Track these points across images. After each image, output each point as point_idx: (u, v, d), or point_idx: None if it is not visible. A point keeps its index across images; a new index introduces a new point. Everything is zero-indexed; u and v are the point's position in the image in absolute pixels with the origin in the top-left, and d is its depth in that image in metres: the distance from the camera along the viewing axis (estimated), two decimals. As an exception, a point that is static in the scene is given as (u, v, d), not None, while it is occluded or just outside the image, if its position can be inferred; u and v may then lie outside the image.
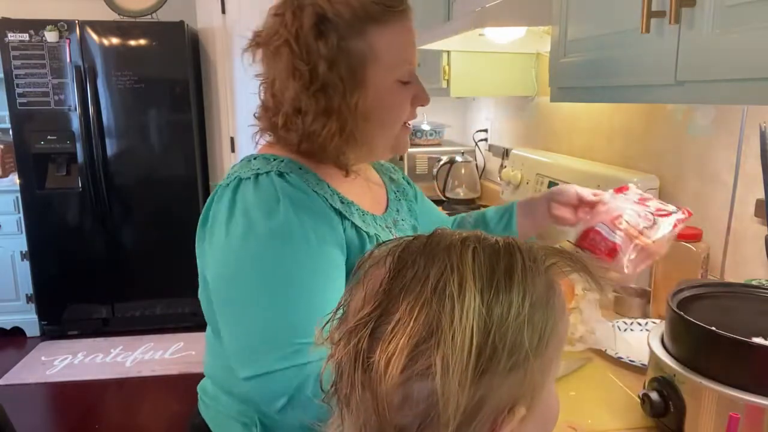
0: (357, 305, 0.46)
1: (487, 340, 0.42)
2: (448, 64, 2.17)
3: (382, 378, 0.41)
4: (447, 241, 0.46)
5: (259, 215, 0.75)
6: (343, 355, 0.44)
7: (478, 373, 0.42)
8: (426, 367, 0.41)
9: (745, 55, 0.66)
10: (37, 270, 3.37)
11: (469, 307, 0.42)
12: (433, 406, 0.42)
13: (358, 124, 0.81)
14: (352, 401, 0.44)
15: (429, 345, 0.41)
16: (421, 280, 0.43)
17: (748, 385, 0.70)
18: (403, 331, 0.41)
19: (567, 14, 1.12)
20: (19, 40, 3.11)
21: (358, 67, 0.79)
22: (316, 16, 0.77)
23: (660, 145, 1.45)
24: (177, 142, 3.36)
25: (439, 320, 0.41)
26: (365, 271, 0.48)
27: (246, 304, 0.74)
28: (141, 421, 2.60)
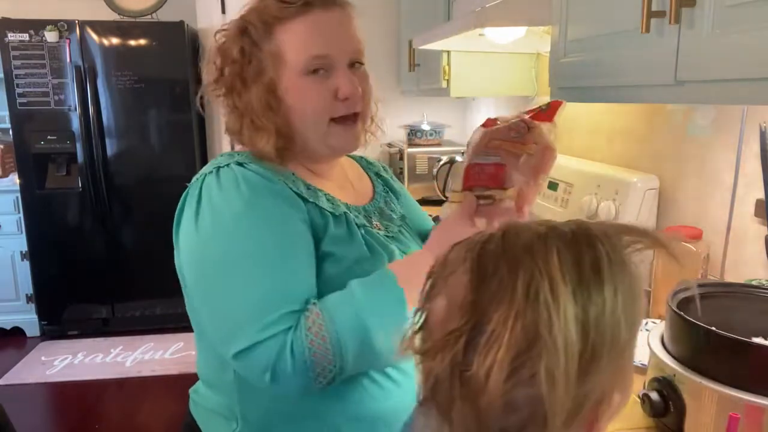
0: (440, 316, 0.46)
1: (587, 343, 0.42)
2: (448, 64, 2.17)
3: (483, 390, 0.41)
4: (524, 240, 0.45)
5: (223, 203, 0.80)
6: (437, 367, 0.44)
7: (582, 375, 0.42)
8: (529, 376, 0.41)
9: (745, 55, 0.66)
10: (37, 270, 3.37)
11: (565, 312, 0.42)
12: (537, 410, 0.42)
13: (265, 118, 0.85)
14: (453, 413, 0.44)
15: (530, 355, 0.41)
16: (509, 289, 0.42)
17: (748, 385, 0.70)
18: (499, 343, 0.41)
19: (567, 14, 1.12)
20: (19, 40, 3.11)
21: (267, 67, 0.84)
22: (237, 27, 0.85)
23: (660, 145, 1.45)
24: (177, 142, 3.36)
25: (537, 329, 0.41)
26: (444, 279, 0.47)
27: (219, 287, 0.78)
28: (141, 421, 2.60)
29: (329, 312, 0.75)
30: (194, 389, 0.97)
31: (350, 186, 0.99)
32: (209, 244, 0.79)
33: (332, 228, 0.85)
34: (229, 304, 0.77)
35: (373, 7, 3.01)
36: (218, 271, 0.78)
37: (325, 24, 0.85)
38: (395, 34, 2.97)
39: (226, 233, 0.78)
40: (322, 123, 0.87)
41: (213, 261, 0.79)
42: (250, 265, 0.77)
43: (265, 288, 0.76)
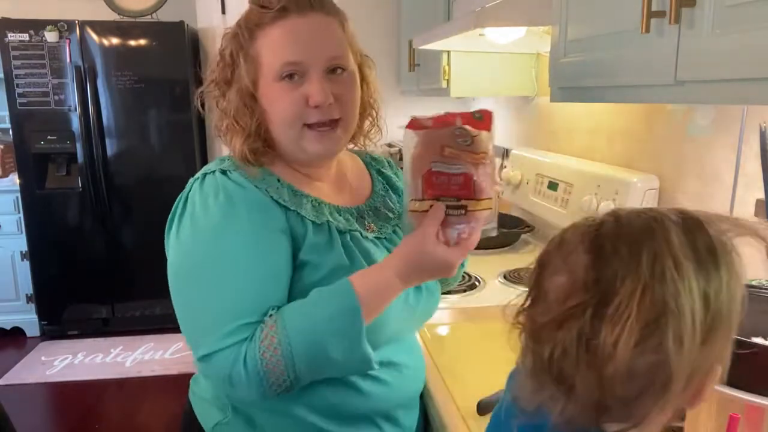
0: (561, 292, 0.50)
1: (708, 314, 0.47)
2: (448, 64, 2.16)
3: (610, 357, 0.45)
4: (640, 224, 0.50)
5: (200, 211, 0.82)
6: (563, 337, 0.48)
7: (702, 344, 0.47)
8: (656, 344, 0.46)
9: (745, 55, 0.66)
10: (37, 270, 3.37)
11: (690, 286, 0.47)
12: (658, 376, 0.47)
13: (242, 117, 0.87)
14: (576, 381, 0.48)
15: (658, 325, 0.46)
16: (633, 266, 0.47)
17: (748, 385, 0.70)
18: (628, 312, 0.45)
19: (567, 14, 1.12)
20: (19, 40, 3.11)
21: (247, 70, 0.86)
22: (232, 32, 0.88)
23: (660, 145, 1.45)
24: (177, 142, 3.36)
25: (664, 301, 0.46)
26: (562, 259, 0.51)
27: (187, 293, 0.82)
28: (141, 421, 2.60)
29: (284, 324, 0.76)
30: (194, 378, 1.00)
31: (347, 185, 0.99)
32: (185, 251, 0.83)
33: (311, 236, 0.85)
34: (195, 311, 0.81)
35: (373, 7, 3.02)
36: (189, 278, 0.82)
37: (300, 30, 0.84)
38: (395, 34, 2.97)
39: (200, 243, 0.82)
40: (295, 128, 0.86)
41: (186, 268, 0.83)
42: (217, 274, 0.79)
43: (227, 298, 0.78)
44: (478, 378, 1.04)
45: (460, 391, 1.01)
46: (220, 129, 0.91)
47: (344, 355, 0.77)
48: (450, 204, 0.80)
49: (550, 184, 1.79)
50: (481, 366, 1.11)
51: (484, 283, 1.57)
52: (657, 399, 0.47)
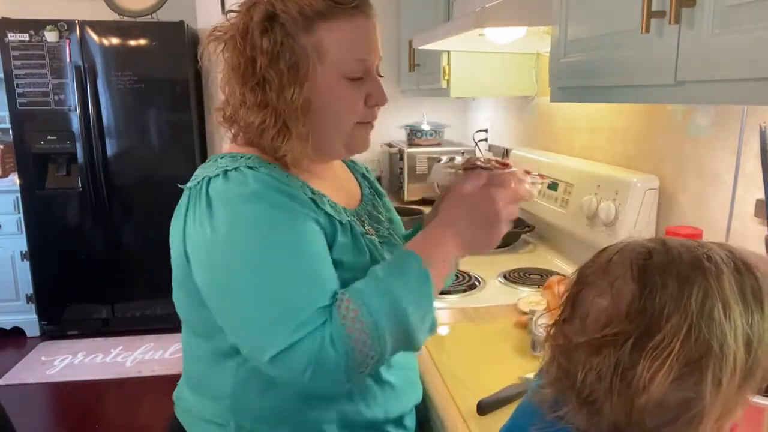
0: (603, 316, 0.49)
1: (748, 360, 0.47)
2: (448, 64, 2.17)
3: (645, 390, 0.46)
4: (690, 259, 0.49)
5: (240, 203, 0.77)
6: (599, 363, 0.48)
7: (738, 389, 0.47)
8: (694, 383, 0.46)
9: (745, 55, 0.66)
10: (37, 270, 3.37)
11: (736, 331, 0.46)
12: (688, 412, 0.47)
13: (295, 117, 0.81)
14: (605, 406, 0.48)
15: (699, 365, 0.46)
16: (681, 303, 0.46)
17: (748, 385, 0.70)
18: (670, 350, 0.45)
19: (567, 14, 1.12)
20: (19, 40, 3.11)
21: (302, 63, 0.80)
22: (265, 13, 0.79)
23: (660, 145, 1.45)
24: (177, 142, 3.36)
25: (709, 344, 0.46)
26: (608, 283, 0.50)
27: (247, 291, 0.75)
28: (141, 421, 2.60)
29: (360, 298, 0.74)
30: (178, 395, 0.96)
31: (342, 188, 0.98)
32: (228, 246, 0.76)
33: (340, 236, 0.83)
34: (256, 310, 0.74)
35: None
36: (243, 275, 0.75)
37: (368, 30, 0.85)
38: (395, 34, 2.97)
39: (247, 237, 0.76)
40: (349, 124, 0.87)
41: (234, 264, 0.75)
42: (276, 266, 0.75)
43: (293, 288, 0.74)
44: (478, 378, 1.04)
45: (460, 391, 1.01)
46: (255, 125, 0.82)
47: (421, 322, 0.77)
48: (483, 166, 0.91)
49: (550, 184, 1.79)
50: (481, 366, 1.11)
51: (484, 283, 1.57)
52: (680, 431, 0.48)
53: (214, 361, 0.85)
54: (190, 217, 0.80)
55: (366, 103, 0.86)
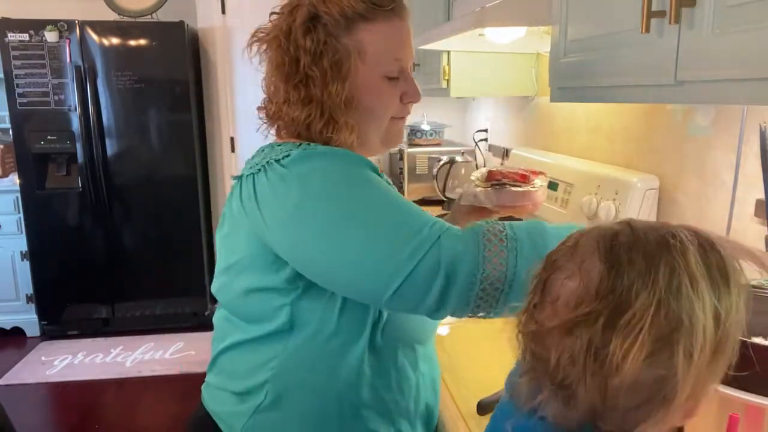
0: (573, 298, 0.49)
1: (717, 333, 0.47)
2: (448, 64, 2.17)
3: (619, 369, 0.45)
4: (656, 237, 0.50)
5: (321, 161, 0.80)
6: (572, 344, 0.47)
7: (708, 362, 0.48)
8: (666, 359, 0.46)
9: (745, 55, 0.66)
10: (37, 270, 3.37)
11: (705, 305, 0.47)
12: (661, 390, 0.47)
13: (341, 110, 0.85)
14: (579, 388, 0.48)
15: (671, 340, 0.46)
16: (649, 279, 0.47)
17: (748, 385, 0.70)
18: (641, 327, 0.45)
19: (567, 14, 1.12)
20: (19, 40, 3.11)
21: (344, 61, 0.84)
22: (308, 14, 0.84)
23: (660, 145, 1.45)
24: (177, 142, 3.36)
25: (679, 318, 0.46)
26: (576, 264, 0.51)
27: (354, 233, 0.75)
28: (141, 421, 2.60)
29: (510, 225, 0.76)
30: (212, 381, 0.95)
31: None
32: (329, 200, 0.77)
33: None
34: (368, 249, 0.74)
35: (373, 7, 3.02)
36: (347, 223, 0.76)
37: (404, 32, 0.90)
38: (395, 34, 2.97)
39: (340, 187, 0.78)
40: (386, 121, 0.91)
41: (338, 216, 0.76)
42: (375, 205, 0.77)
43: (398, 218, 0.76)
44: (478, 378, 1.04)
45: (460, 391, 1.01)
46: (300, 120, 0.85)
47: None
48: (508, 183, 1.06)
49: (550, 184, 1.78)
50: (481, 366, 1.11)
51: (484, 283, 1.57)
52: (655, 411, 0.48)
53: (259, 344, 0.86)
54: (266, 197, 0.80)
55: (401, 100, 0.91)
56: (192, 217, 3.42)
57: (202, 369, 0.98)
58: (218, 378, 0.94)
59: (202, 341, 3.31)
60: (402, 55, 0.89)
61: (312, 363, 0.85)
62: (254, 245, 0.83)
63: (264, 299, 0.84)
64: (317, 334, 0.83)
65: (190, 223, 3.42)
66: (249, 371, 0.88)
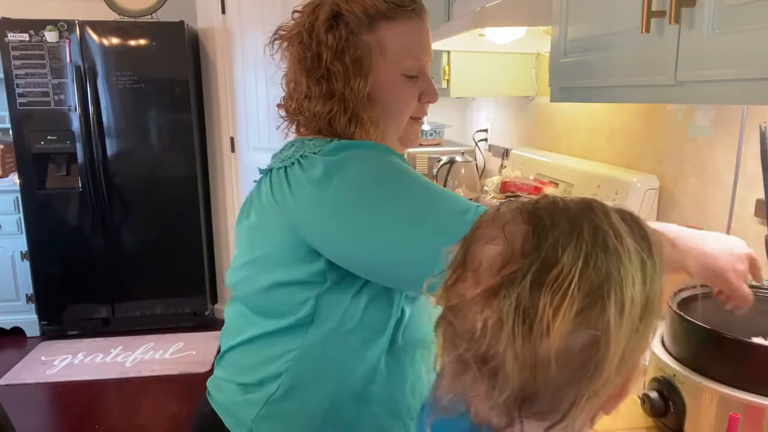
0: (497, 260, 0.46)
1: (645, 290, 0.46)
2: (448, 64, 2.17)
3: (549, 328, 0.42)
4: (576, 202, 0.49)
5: (359, 151, 0.81)
6: (501, 306, 0.44)
7: (638, 325, 0.45)
8: (597, 314, 0.43)
9: (745, 55, 0.66)
10: (37, 270, 3.37)
11: (630, 254, 0.45)
12: (592, 357, 0.44)
13: (363, 105, 0.86)
14: (507, 358, 0.44)
15: (601, 293, 0.43)
16: (574, 236, 0.45)
17: (748, 385, 0.71)
18: (570, 280, 0.43)
19: (567, 14, 1.12)
20: (19, 40, 3.11)
21: (364, 58, 0.85)
22: (330, 12, 0.85)
23: (660, 145, 1.45)
24: (177, 142, 3.35)
25: (608, 270, 0.44)
26: (498, 228, 0.48)
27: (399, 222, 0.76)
28: (141, 421, 2.60)
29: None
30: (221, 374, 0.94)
31: None
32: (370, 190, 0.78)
33: None
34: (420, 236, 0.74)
35: (373, 7, 3.02)
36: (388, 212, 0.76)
37: (423, 32, 0.90)
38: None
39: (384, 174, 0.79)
40: (405, 119, 0.92)
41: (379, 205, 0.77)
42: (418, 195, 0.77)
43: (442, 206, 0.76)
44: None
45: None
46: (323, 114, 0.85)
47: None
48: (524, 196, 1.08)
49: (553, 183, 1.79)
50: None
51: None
52: (586, 386, 0.45)
53: (277, 337, 0.86)
54: (303, 188, 0.80)
55: (419, 100, 0.92)
56: (192, 217, 3.41)
57: (202, 369, 0.99)
58: (227, 371, 0.93)
59: (202, 341, 3.31)
60: (421, 54, 0.90)
61: (330, 357, 0.84)
62: (287, 238, 0.82)
63: (288, 293, 0.84)
64: (338, 329, 0.83)
65: (190, 223, 3.41)
66: (262, 362, 0.87)
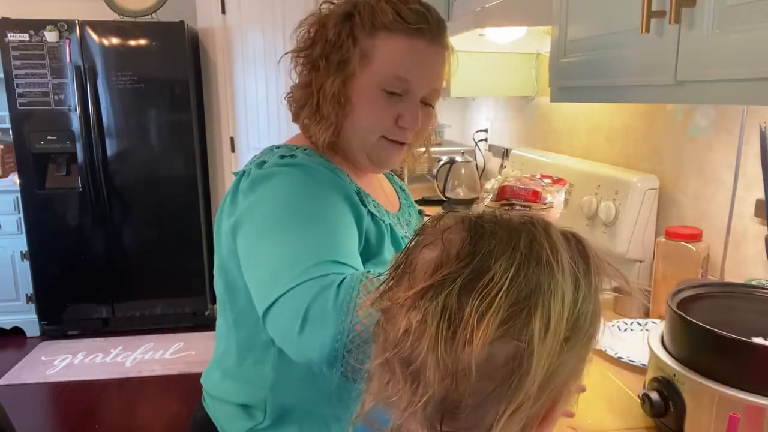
0: (430, 265, 0.46)
1: (575, 309, 0.44)
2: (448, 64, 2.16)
3: (472, 337, 0.41)
4: (517, 217, 0.48)
5: (282, 168, 0.81)
6: (427, 308, 0.43)
7: (564, 344, 0.44)
8: (522, 325, 0.42)
9: (745, 56, 0.66)
10: (37, 270, 3.37)
11: (564, 269, 0.44)
12: (515, 370, 0.43)
13: (328, 105, 0.85)
14: (429, 361, 0.43)
15: (528, 304, 0.42)
16: (510, 245, 0.44)
17: (748, 385, 0.70)
18: (498, 288, 0.42)
19: (567, 14, 1.12)
20: (19, 40, 3.11)
21: (351, 62, 0.84)
22: (345, 10, 0.86)
23: (660, 145, 1.45)
24: (177, 142, 3.36)
25: (538, 282, 0.43)
26: (436, 234, 0.48)
27: (268, 239, 0.75)
28: (141, 421, 2.60)
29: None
30: (209, 381, 0.95)
31: (383, 193, 1.01)
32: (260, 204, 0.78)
33: (388, 239, 0.87)
34: (272, 257, 0.73)
35: (373, 7, 3.02)
36: (268, 223, 0.76)
37: (422, 55, 0.86)
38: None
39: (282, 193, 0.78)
40: (374, 137, 0.88)
41: (260, 218, 0.77)
42: (294, 220, 0.75)
43: (310, 243, 0.73)
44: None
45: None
46: (300, 104, 0.89)
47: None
48: (518, 204, 1.08)
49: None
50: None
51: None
52: (509, 401, 0.43)
53: (255, 343, 0.86)
54: (240, 193, 0.82)
55: (396, 122, 0.87)
56: (192, 217, 3.42)
57: (202, 369, 0.99)
58: (214, 380, 0.95)
59: (202, 341, 3.31)
60: (409, 75, 0.85)
61: (308, 378, 0.84)
62: (229, 244, 0.84)
63: (243, 299, 0.84)
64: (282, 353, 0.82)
65: (190, 223, 3.41)
66: (246, 382, 0.88)
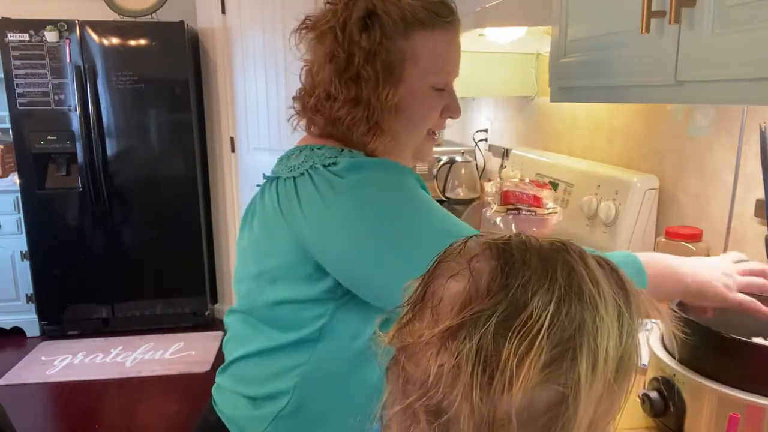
0: (460, 298, 0.41)
1: (622, 345, 0.40)
2: (448, 64, 2.16)
3: (513, 380, 0.37)
4: (549, 242, 0.44)
5: (378, 175, 0.78)
6: (460, 349, 0.38)
7: (613, 382, 0.40)
8: (567, 368, 0.38)
9: (745, 56, 0.66)
10: (37, 270, 3.37)
11: (607, 303, 0.40)
12: (557, 418, 0.38)
13: (386, 117, 0.83)
14: (462, 412, 0.38)
15: (572, 345, 0.38)
16: (547, 277, 0.40)
17: (748, 385, 0.70)
18: (539, 327, 0.38)
19: (567, 14, 1.12)
20: (19, 40, 3.11)
21: (396, 65, 0.82)
22: (365, 10, 0.81)
23: (660, 145, 1.45)
24: (177, 142, 3.35)
25: (582, 319, 0.39)
26: (461, 264, 0.43)
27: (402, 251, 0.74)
28: (141, 422, 2.60)
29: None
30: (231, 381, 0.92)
31: None
32: (382, 216, 0.77)
33: None
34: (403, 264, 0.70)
35: (373, 7, 3.01)
36: (393, 240, 0.75)
37: (456, 45, 0.88)
38: (395, 34, 2.97)
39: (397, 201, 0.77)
40: (423, 132, 0.90)
41: (388, 232, 0.76)
42: (426, 226, 0.76)
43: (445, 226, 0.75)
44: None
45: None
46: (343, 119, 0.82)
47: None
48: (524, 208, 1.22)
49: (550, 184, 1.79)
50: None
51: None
52: None
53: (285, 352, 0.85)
54: (314, 203, 0.78)
55: (441, 114, 0.89)
56: (192, 217, 3.41)
57: (202, 369, 0.98)
58: (232, 382, 0.91)
59: (202, 341, 3.31)
60: (452, 68, 0.88)
61: (338, 373, 0.83)
62: (294, 252, 0.80)
63: (296, 309, 0.82)
64: (348, 345, 0.82)
65: (190, 223, 3.41)
66: (270, 377, 0.86)
